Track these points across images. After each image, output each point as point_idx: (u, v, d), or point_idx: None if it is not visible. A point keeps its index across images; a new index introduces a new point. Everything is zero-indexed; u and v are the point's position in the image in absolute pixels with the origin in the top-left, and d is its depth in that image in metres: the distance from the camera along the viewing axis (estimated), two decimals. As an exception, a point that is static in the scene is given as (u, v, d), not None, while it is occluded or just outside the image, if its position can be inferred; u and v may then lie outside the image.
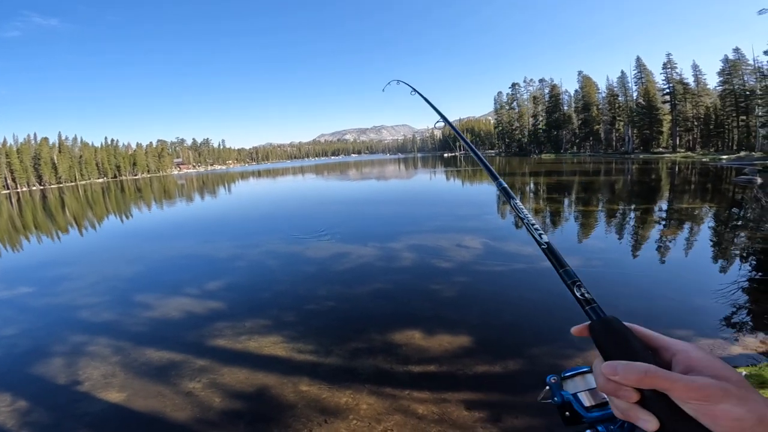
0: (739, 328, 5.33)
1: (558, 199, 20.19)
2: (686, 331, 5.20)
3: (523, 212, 0.75)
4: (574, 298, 0.55)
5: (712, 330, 5.18)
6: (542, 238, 0.67)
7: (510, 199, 0.80)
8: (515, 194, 0.78)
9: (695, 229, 11.41)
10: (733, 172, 25.72)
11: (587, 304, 0.53)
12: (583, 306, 0.53)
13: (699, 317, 5.63)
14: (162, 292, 8.53)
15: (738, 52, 45.64)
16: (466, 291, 7.44)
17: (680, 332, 5.17)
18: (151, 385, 4.90)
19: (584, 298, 0.54)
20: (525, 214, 0.74)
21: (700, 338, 4.98)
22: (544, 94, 78.30)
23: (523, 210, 0.75)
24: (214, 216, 21.84)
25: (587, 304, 0.53)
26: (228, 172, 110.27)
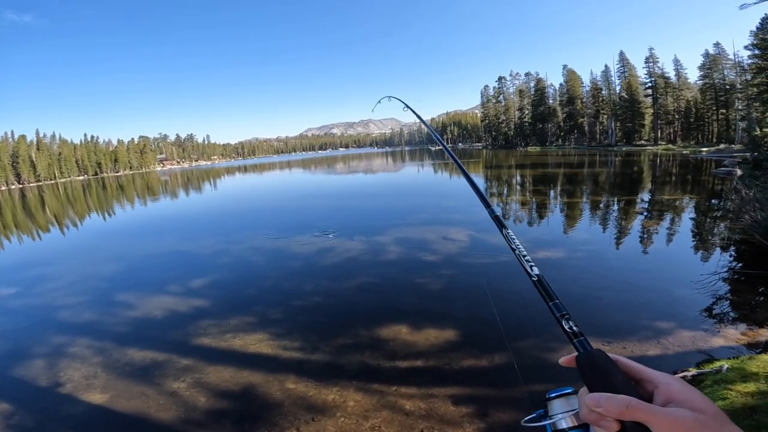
0: (720, 319, 5.42)
1: (543, 191, 20.41)
2: (668, 323, 5.27)
3: (515, 242, 0.75)
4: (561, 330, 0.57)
5: (693, 322, 5.26)
6: (533, 270, 0.68)
7: (502, 228, 0.81)
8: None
9: (676, 220, 11.65)
10: (713, 164, 26.33)
11: (575, 337, 0.55)
12: (571, 339, 0.55)
13: (680, 309, 5.72)
14: (144, 291, 8.37)
15: (718, 47, 46.65)
16: (453, 284, 7.47)
17: (663, 324, 5.25)
18: (134, 385, 4.81)
19: (572, 331, 0.55)
20: (517, 245, 0.74)
21: (682, 330, 5.05)
22: (530, 88, 78.81)
23: (515, 240, 0.75)
24: (199, 212, 21.49)
25: (575, 337, 0.55)
26: (213, 167, 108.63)
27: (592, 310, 5.96)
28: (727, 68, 45.93)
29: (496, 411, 3.82)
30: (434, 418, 3.76)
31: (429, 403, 3.99)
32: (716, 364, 4.06)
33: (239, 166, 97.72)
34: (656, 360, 4.42)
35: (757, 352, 4.41)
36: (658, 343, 4.76)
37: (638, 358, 4.46)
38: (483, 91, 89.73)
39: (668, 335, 4.94)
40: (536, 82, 76.77)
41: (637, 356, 4.52)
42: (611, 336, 5.00)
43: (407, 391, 4.21)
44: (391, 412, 3.89)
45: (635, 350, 4.65)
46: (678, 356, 4.48)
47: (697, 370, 4.05)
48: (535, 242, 9.89)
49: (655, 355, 4.54)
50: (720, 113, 47.16)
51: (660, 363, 4.32)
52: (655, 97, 55.53)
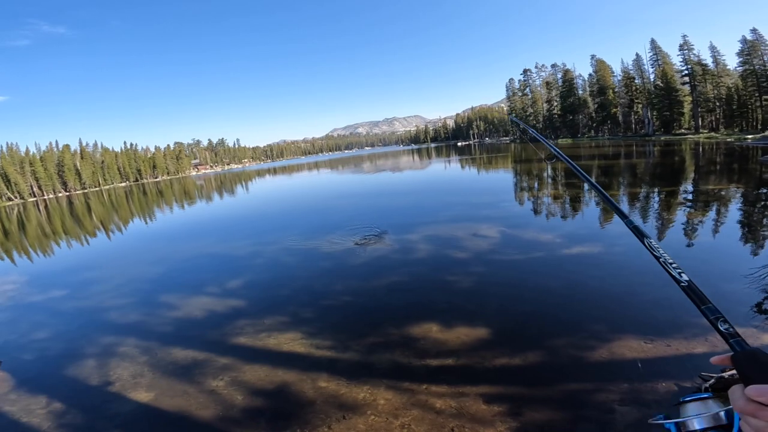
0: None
1: (577, 184, 19.72)
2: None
3: (659, 251, 0.76)
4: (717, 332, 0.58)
5: (743, 318, 4.93)
6: (682, 277, 0.69)
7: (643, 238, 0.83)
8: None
9: (722, 210, 10.97)
10: (759, 152, 24.63)
11: (731, 338, 0.58)
12: (727, 339, 0.58)
13: (729, 304, 5.36)
14: (184, 292, 8.71)
15: (756, 32, 43.88)
16: (484, 281, 7.34)
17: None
18: (176, 384, 5.01)
19: (728, 333, 0.58)
20: (661, 254, 0.75)
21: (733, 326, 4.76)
22: (557, 79, 76.26)
23: (659, 249, 0.76)
24: (233, 215, 22.17)
25: (731, 338, 0.58)
26: (244, 170, 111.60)
27: (633, 307, 5.71)
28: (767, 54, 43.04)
29: (530, 410, 3.72)
30: (465, 417, 3.71)
31: (460, 401, 3.94)
32: None
33: (269, 169, 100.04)
34: (704, 358, 4.16)
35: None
36: (706, 341, 4.49)
37: (684, 356, 4.26)
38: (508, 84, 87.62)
39: (716, 332, 4.65)
40: (564, 73, 74.28)
41: (683, 354, 4.30)
42: (655, 334, 4.75)
43: (438, 389, 4.17)
44: (422, 411, 3.86)
45: (681, 348, 4.40)
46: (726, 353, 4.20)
47: None
48: (570, 237, 9.58)
49: (702, 352, 4.28)
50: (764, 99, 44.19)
51: (708, 362, 4.06)
52: (693, 85, 52.60)
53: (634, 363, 4.24)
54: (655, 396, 3.67)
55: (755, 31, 43.91)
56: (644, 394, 3.71)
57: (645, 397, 3.67)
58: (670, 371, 4.00)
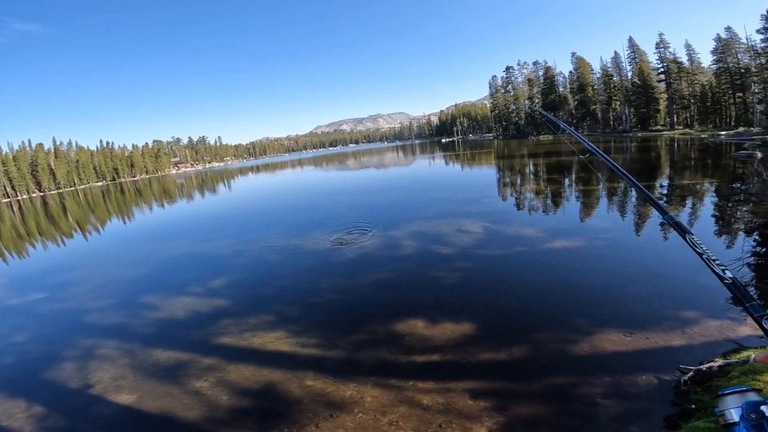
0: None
1: (558, 179, 20.08)
2: (693, 312, 5.11)
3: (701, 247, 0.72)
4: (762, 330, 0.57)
5: (719, 310, 5.07)
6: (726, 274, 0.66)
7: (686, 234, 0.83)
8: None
9: (697, 204, 11.34)
10: (732, 148, 25.51)
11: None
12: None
13: (706, 297, 5.52)
14: (166, 293, 8.55)
15: (730, 30, 45.23)
16: (468, 277, 7.42)
17: (687, 313, 5.09)
18: (160, 385, 4.92)
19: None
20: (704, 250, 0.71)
21: (708, 319, 4.89)
22: (539, 77, 77.34)
23: (702, 246, 0.73)
24: (215, 213, 21.81)
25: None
26: (226, 168, 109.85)
27: (614, 299, 5.85)
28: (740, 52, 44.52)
29: (515, 405, 3.78)
30: (452, 413, 3.74)
31: (447, 397, 3.98)
32: (743, 354, 3.93)
33: (252, 166, 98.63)
34: (682, 350, 4.30)
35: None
36: (684, 333, 4.63)
37: (662, 349, 4.37)
38: (491, 81, 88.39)
39: (693, 325, 4.79)
40: (545, 71, 75.39)
41: (662, 347, 4.42)
42: (634, 327, 4.88)
43: (424, 385, 4.20)
44: (409, 407, 3.89)
45: (659, 341, 4.53)
46: (704, 346, 4.33)
47: (723, 360, 3.92)
48: (552, 232, 9.75)
49: (680, 345, 4.41)
50: (737, 97, 45.69)
51: (686, 353, 4.20)
52: (668, 82, 54.08)
53: (615, 356, 4.34)
54: (637, 389, 3.76)
55: (729, 29, 45.20)
56: (626, 387, 3.80)
57: (626, 390, 3.76)
58: (650, 364, 4.10)
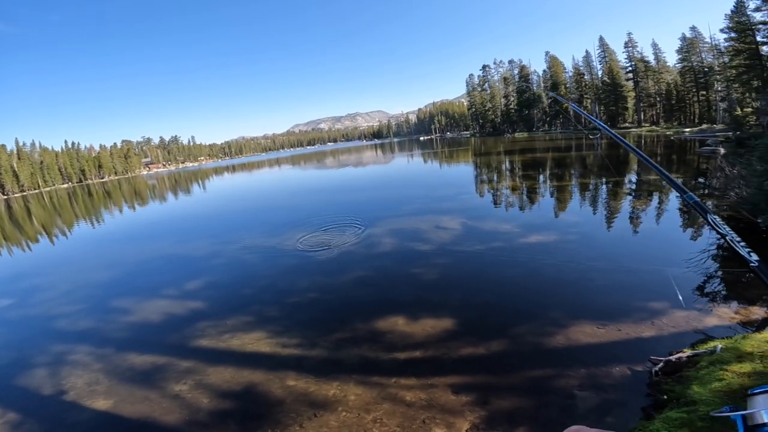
0: (712, 298, 5.48)
1: (533, 175, 20.55)
2: (661, 303, 5.32)
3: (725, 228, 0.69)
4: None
5: (686, 301, 5.29)
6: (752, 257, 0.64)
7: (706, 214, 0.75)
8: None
9: (664, 199, 11.83)
10: (696, 144, 26.69)
11: None
12: None
13: (672, 288, 5.73)
14: (140, 296, 8.32)
15: (695, 30, 47.28)
16: (447, 273, 7.52)
17: (656, 305, 5.30)
18: (137, 390, 4.81)
19: None
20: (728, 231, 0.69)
21: (676, 310, 5.08)
22: (514, 75, 78.91)
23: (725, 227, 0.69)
24: (190, 215, 21.28)
25: None
26: (201, 168, 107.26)
27: (587, 292, 6.05)
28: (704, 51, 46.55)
29: (496, 398, 3.86)
30: (435, 408, 3.79)
31: (429, 393, 4.02)
32: (710, 345, 4.07)
33: (227, 166, 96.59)
34: (652, 341, 4.46)
35: (750, 330, 4.42)
36: (653, 324, 4.81)
37: (633, 340, 4.53)
38: (468, 80, 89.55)
39: (662, 316, 4.99)
40: (520, 69, 76.93)
41: (633, 338, 4.57)
42: (606, 318, 5.05)
43: (407, 382, 4.24)
44: (392, 404, 3.92)
45: (630, 333, 4.69)
46: (673, 337, 4.51)
47: (691, 350, 4.07)
48: (527, 227, 9.99)
49: (650, 336, 4.57)
50: (700, 95, 47.78)
51: (655, 344, 4.36)
52: (636, 81, 56.14)
53: (589, 348, 4.49)
54: (611, 380, 3.89)
55: (694, 29, 47.17)
56: (601, 379, 3.92)
57: (602, 381, 3.89)
58: (622, 355, 4.24)
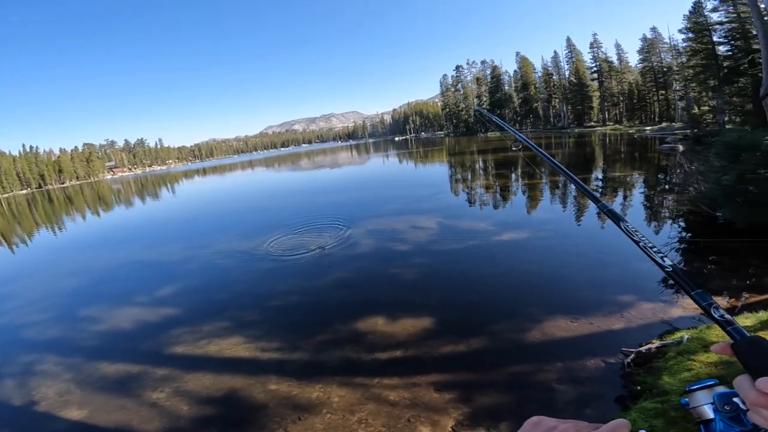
0: (676, 289, 5.68)
1: (506, 174, 21.04)
2: (629, 296, 5.56)
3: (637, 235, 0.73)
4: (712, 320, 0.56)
5: (652, 293, 5.56)
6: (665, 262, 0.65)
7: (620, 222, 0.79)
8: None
9: (628, 195, 12.38)
10: (657, 142, 27.99)
11: (729, 325, 0.54)
12: (724, 327, 0.54)
13: (639, 281, 6.02)
14: (109, 304, 8.04)
15: (655, 31, 49.52)
16: (425, 272, 7.60)
17: (624, 298, 5.53)
18: (111, 399, 4.66)
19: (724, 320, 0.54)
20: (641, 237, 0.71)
21: (643, 302, 5.33)
22: (487, 76, 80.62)
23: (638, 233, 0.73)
24: (159, 219, 20.58)
25: (729, 325, 0.54)
26: (169, 172, 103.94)
27: (560, 287, 6.26)
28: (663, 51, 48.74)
29: (479, 395, 3.93)
30: (419, 407, 3.84)
31: (413, 392, 4.07)
32: (677, 335, 4.24)
33: (198, 169, 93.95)
34: (623, 333, 4.64)
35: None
36: (622, 317, 5.02)
37: (605, 333, 4.70)
38: (442, 80, 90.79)
39: (630, 308, 5.20)
40: (492, 70, 78.57)
41: (605, 331, 4.76)
42: (579, 313, 5.23)
43: (390, 382, 4.27)
44: (377, 404, 3.94)
45: (602, 326, 4.88)
46: (641, 329, 4.70)
47: (659, 341, 4.23)
48: (502, 225, 10.22)
49: (620, 328, 4.77)
50: (660, 94, 50.04)
51: (626, 336, 4.54)
52: (600, 81, 58.32)
53: (564, 342, 4.64)
54: (587, 373, 4.04)
55: (654, 29, 49.37)
56: (577, 372, 4.07)
57: (578, 374, 4.04)
58: (596, 348, 4.42)
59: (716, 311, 0.55)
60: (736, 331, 0.52)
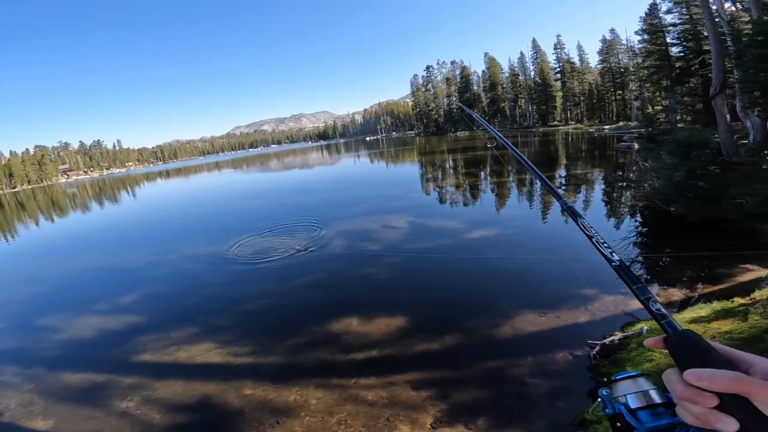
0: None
1: (475, 173, 21.51)
2: (593, 289, 5.82)
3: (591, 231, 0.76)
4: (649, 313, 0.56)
5: (612, 287, 5.82)
6: (613, 257, 0.67)
7: (577, 218, 0.81)
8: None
9: (589, 191, 12.96)
10: (615, 140, 29.37)
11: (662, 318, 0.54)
12: (659, 320, 0.55)
13: (600, 275, 6.26)
14: (69, 312, 7.69)
15: (614, 32, 51.94)
16: (397, 272, 7.67)
17: (588, 291, 5.79)
18: (78, 408, 4.49)
19: (660, 313, 0.55)
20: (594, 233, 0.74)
21: (605, 295, 5.60)
22: (456, 76, 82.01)
23: (592, 229, 0.76)
24: (120, 224, 19.65)
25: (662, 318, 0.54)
26: (129, 175, 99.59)
27: (528, 282, 6.48)
28: (621, 53, 51.14)
29: (456, 391, 4.01)
30: (398, 406, 3.88)
31: (390, 391, 4.10)
32: (637, 327, 4.44)
33: (160, 171, 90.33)
34: (588, 326, 4.85)
35: (672, 311, 4.91)
36: (587, 310, 5.25)
37: (571, 326, 4.90)
38: (412, 80, 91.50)
39: (594, 302, 5.45)
40: (461, 70, 79.98)
41: (571, 324, 4.97)
42: (547, 307, 5.43)
43: (367, 382, 4.30)
44: (355, 405, 3.95)
45: (568, 319, 5.08)
46: (605, 321, 4.94)
47: (622, 333, 4.43)
48: (472, 223, 10.46)
49: (585, 321, 4.99)
50: (617, 94, 52.54)
51: (591, 329, 4.75)
52: (563, 81, 60.60)
53: (534, 337, 4.81)
54: (557, 366, 4.21)
55: (613, 31, 51.68)
56: (547, 365, 4.23)
57: (549, 368, 4.19)
58: (563, 341, 4.60)
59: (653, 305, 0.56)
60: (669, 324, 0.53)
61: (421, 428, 3.57)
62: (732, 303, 4.59)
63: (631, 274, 0.62)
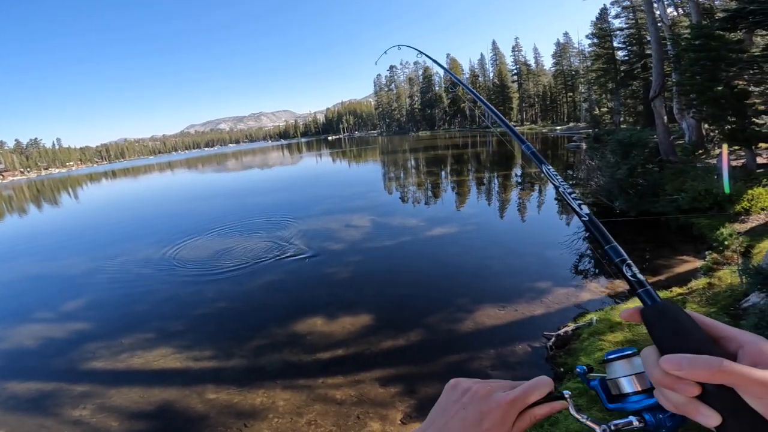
0: (585, 275, 6.46)
1: (436, 172, 21.94)
2: (546, 282, 6.13)
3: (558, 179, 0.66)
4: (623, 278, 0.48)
5: (564, 279, 6.16)
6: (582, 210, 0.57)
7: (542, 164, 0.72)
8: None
9: (543, 189, 13.60)
10: (565, 140, 30.99)
11: (639, 287, 0.46)
12: (635, 288, 0.47)
13: (553, 269, 6.68)
14: (6, 321, 7.19)
15: (567, 36, 54.79)
16: (360, 270, 7.72)
17: (542, 284, 6.09)
18: (27, 418, 4.26)
19: (636, 280, 0.47)
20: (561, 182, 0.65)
21: (558, 288, 5.91)
22: (419, 76, 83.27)
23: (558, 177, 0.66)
24: (59, 229, 18.21)
25: (639, 287, 0.46)
26: (70, 175, 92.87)
27: (487, 277, 6.74)
28: (573, 56, 53.93)
29: (422, 386, 4.10)
30: (367, 403, 3.92)
31: (358, 389, 4.13)
32: (587, 318, 4.70)
33: (105, 172, 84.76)
34: (543, 318, 5.11)
35: (618, 302, 5.23)
36: (542, 303, 5.52)
37: (528, 318, 5.14)
38: (376, 80, 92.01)
39: (548, 294, 5.74)
40: (424, 71, 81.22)
41: (528, 317, 5.19)
42: (505, 300, 5.65)
43: (335, 381, 4.31)
44: (324, 404, 3.96)
45: (525, 312, 5.32)
46: (559, 313, 5.21)
47: (574, 324, 4.67)
48: (432, 220, 10.69)
49: (541, 314, 5.24)
50: (568, 96, 55.39)
51: (546, 321, 5.00)
52: (519, 83, 63.12)
53: (494, 330, 5.00)
54: (516, 358, 4.40)
55: (567, 34, 54.46)
56: (508, 357, 4.42)
57: (509, 360, 4.39)
58: (521, 333, 4.82)
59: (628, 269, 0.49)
60: (647, 294, 0.45)
61: (392, 424, 3.63)
62: (671, 292, 5.02)
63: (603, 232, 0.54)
